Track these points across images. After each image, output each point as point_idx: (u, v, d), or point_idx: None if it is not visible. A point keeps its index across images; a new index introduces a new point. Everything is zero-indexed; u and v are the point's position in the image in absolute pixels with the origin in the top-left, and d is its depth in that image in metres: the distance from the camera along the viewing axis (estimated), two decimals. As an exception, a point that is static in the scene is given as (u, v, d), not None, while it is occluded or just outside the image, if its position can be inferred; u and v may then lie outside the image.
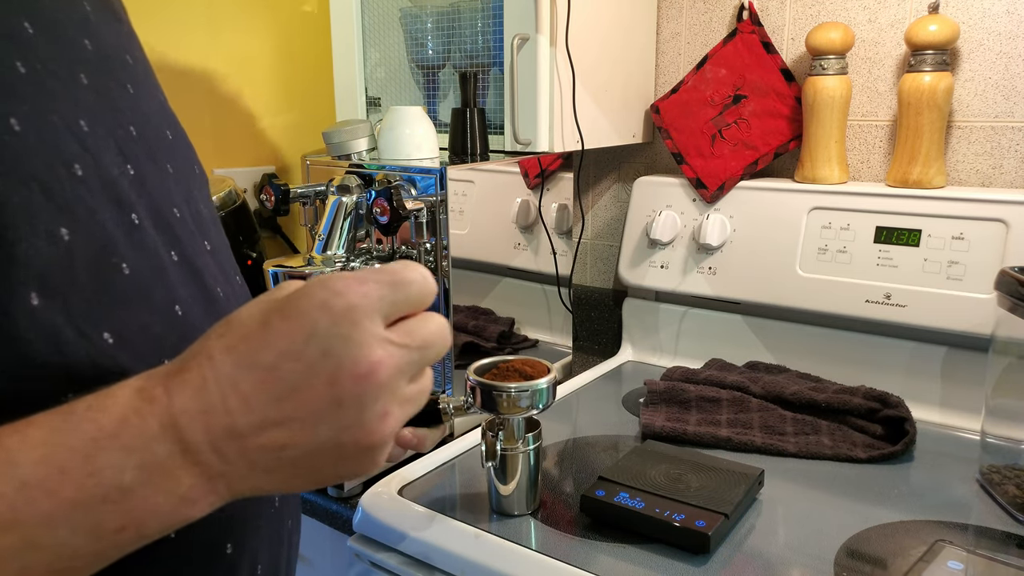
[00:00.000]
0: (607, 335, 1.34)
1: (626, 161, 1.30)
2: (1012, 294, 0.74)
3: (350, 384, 0.35)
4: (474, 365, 0.71)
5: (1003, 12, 0.96)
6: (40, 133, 0.36)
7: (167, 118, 0.49)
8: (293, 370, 0.34)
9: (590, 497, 0.72)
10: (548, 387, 0.69)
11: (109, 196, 0.39)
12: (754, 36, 1.09)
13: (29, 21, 0.38)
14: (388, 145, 0.97)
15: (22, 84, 0.36)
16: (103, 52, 0.43)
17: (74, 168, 0.38)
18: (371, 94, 1.19)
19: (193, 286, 0.45)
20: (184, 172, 0.48)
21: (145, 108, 0.45)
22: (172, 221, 0.44)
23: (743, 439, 0.88)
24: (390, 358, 0.36)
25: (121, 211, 0.40)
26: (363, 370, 0.35)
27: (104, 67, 0.42)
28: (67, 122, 0.38)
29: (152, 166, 0.44)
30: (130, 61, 0.46)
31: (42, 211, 0.35)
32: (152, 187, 0.43)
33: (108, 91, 0.42)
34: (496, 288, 1.04)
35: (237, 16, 1.27)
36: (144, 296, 0.40)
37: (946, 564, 0.65)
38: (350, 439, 0.35)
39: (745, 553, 0.68)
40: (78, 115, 0.39)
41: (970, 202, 0.93)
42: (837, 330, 1.04)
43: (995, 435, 0.80)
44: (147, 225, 0.41)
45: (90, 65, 0.41)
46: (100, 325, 0.38)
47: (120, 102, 0.43)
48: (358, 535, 0.77)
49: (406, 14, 1.12)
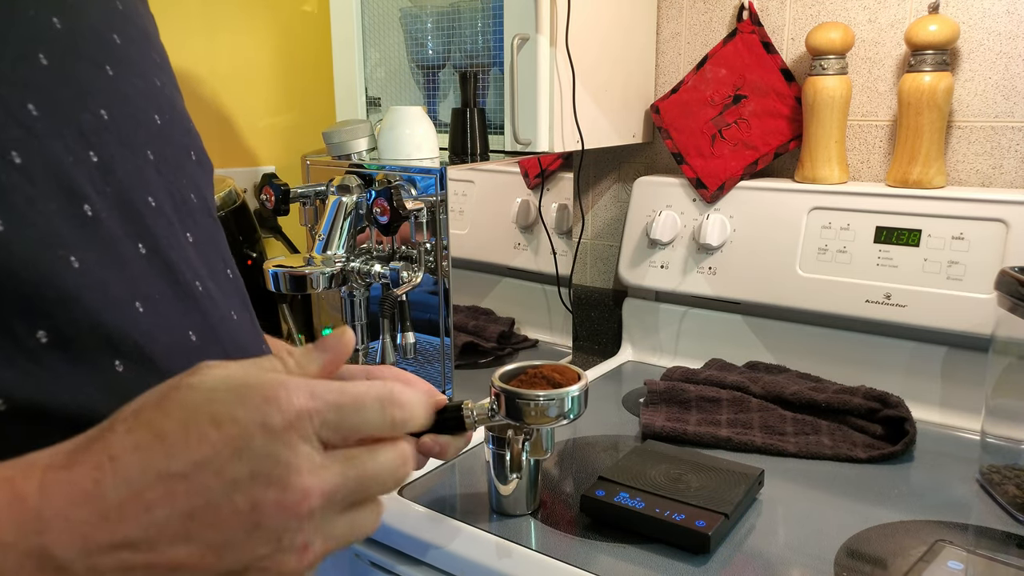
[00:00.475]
0: (607, 335, 1.34)
1: (626, 161, 1.30)
2: (1012, 294, 0.74)
3: (273, 512, 0.31)
4: (499, 371, 0.66)
5: (1003, 12, 0.96)
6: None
7: (158, 101, 0.45)
8: (211, 486, 0.30)
9: (590, 497, 0.72)
10: (579, 395, 0.64)
11: (57, 185, 0.36)
12: (754, 36, 1.09)
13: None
14: (388, 145, 0.97)
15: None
16: (76, 31, 0.40)
17: (10, 155, 0.35)
18: (371, 94, 1.19)
19: (162, 281, 0.41)
20: (172, 158, 0.45)
21: (126, 90, 0.42)
22: (144, 211, 0.41)
23: (743, 439, 0.88)
24: (322, 487, 0.32)
25: (72, 201, 0.37)
26: (291, 499, 0.31)
27: (73, 46, 0.40)
28: (7, 105, 0.35)
29: (124, 151, 0.41)
30: (117, 40, 0.43)
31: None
32: (121, 175, 0.40)
33: (75, 72, 0.39)
34: (496, 288, 1.04)
35: (237, 16, 1.27)
36: (96, 291, 0.37)
37: (946, 564, 0.65)
38: (258, 568, 0.32)
39: (745, 553, 0.68)
40: (25, 98, 0.36)
41: (970, 202, 0.93)
42: (837, 330, 1.04)
43: (995, 435, 0.80)
44: (107, 215, 0.39)
45: (54, 44, 0.38)
46: (35, 323, 0.34)
47: (90, 84, 0.40)
48: (358, 535, 0.77)
49: (406, 14, 1.12)
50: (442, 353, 0.97)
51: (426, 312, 0.97)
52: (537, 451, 0.69)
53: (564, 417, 0.63)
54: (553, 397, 0.62)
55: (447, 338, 0.96)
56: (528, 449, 0.69)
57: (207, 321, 0.44)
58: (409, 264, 0.94)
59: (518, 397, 0.62)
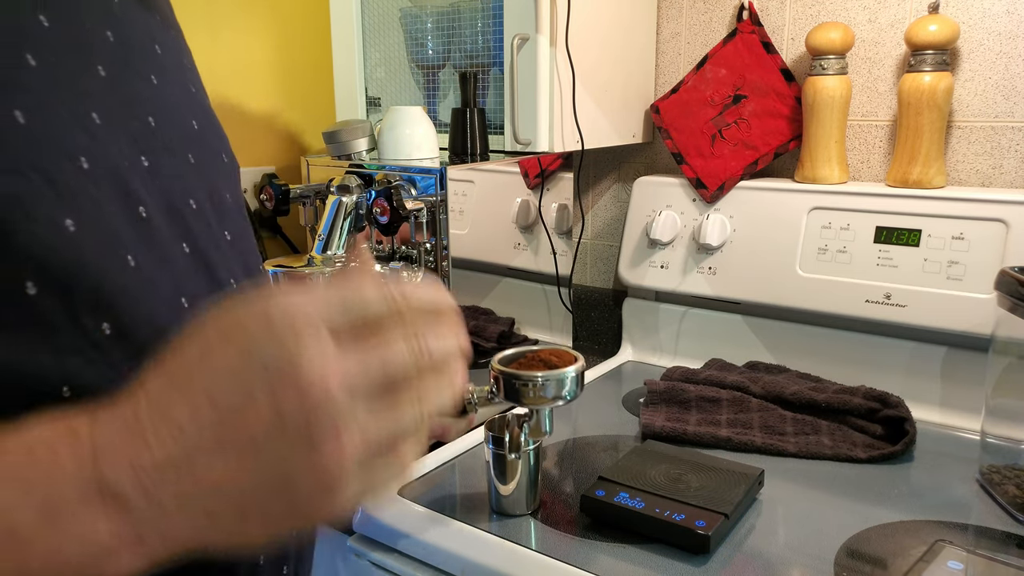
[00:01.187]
0: (607, 335, 1.34)
1: (626, 161, 1.30)
2: (1012, 294, 0.74)
3: (293, 399, 0.30)
4: (499, 355, 0.68)
5: (1003, 12, 0.96)
6: (46, 125, 0.36)
7: (195, 107, 0.48)
8: (231, 389, 0.31)
9: (590, 497, 0.72)
10: (576, 375, 0.65)
11: (117, 189, 0.39)
12: (754, 36, 1.09)
13: (46, 15, 0.38)
14: (388, 145, 0.97)
15: (31, 77, 0.36)
16: (126, 43, 0.43)
17: (80, 161, 0.37)
18: (371, 94, 1.19)
19: (203, 279, 0.44)
20: (209, 162, 0.47)
21: (168, 98, 0.45)
22: (186, 213, 0.44)
23: (743, 439, 0.88)
24: (337, 371, 0.31)
25: (128, 203, 0.39)
26: (305, 383, 0.30)
27: (125, 58, 0.42)
28: (76, 115, 0.38)
29: (169, 157, 0.43)
30: (157, 51, 0.46)
31: (44, 201, 0.35)
32: (166, 178, 0.43)
33: (127, 82, 0.42)
34: (496, 288, 1.04)
35: (237, 16, 1.27)
36: (150, 289, 0.39)
37: (946, 564, 0.65)
38: (298, 468, 0.31)
39: (745, 553, 0.68)
40: (90, 107, 0.39)
41: (970, 202, 0.93)
42: (837, 330, 1.04)
43: (995, 435, 0.80)
44: (156, 217, 0.41)
45: (109, 56, 0.41)
46: (101, 316, 0.36)
47: (140, 93, 0.43)
48: (358, 535, 0.77)
49: (406, 14, 1.12)
50: (442, 353, 0.96)
51: (426, 312, 0.97)
52: (536, 433, 0.69)
53: (561, 398, 0.65)
54: (550, 378, 0.64)
55: (447, 338, 0.96)
56: (527, 431, 0.70)
57: None
58: (409, 264, 0.94)
59: (516, 379, 0.64)
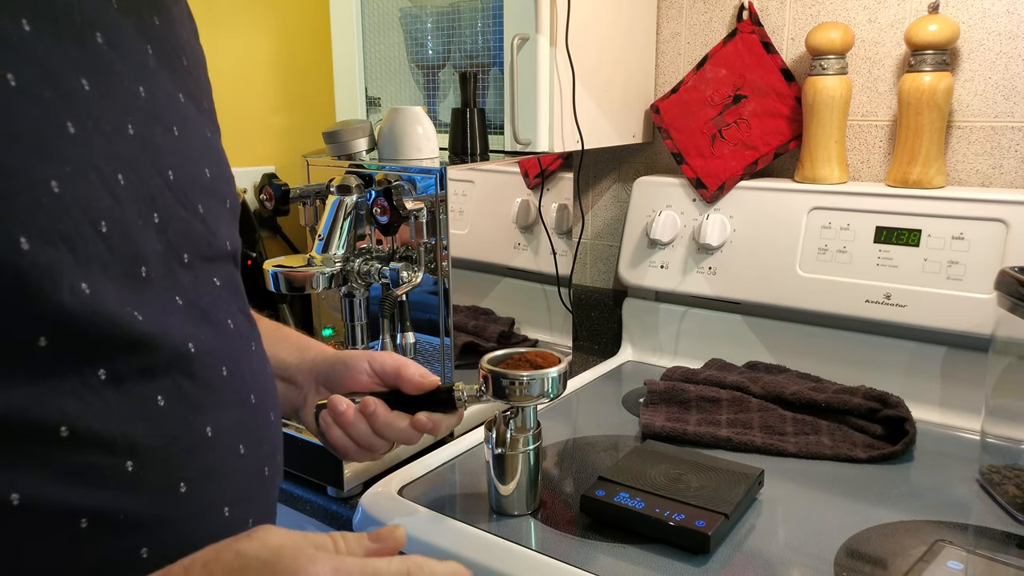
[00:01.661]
0: (607, 335, 1.34)
1: (626, 161, 1.30)
2: (1012, 294, 0.74)
3: None
4: (487, 356, 0.72)
5: (1003, 12, 0.96)
6: (76, 192, 0.38)
7: (209, 155, 0.50)
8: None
9: (590, 497, 0.72)
10: (558, 375, 0.70)
11: (125, 250, 0.41)
12: (754, 36, 1.09)
13: (87, 78, 0.40)
14: (388, 145, 0.97)
15: (69, 145, 0.38)
16: (155, 97, 0.45)
17: (100, 225, 0.39)
18: (371, 94, 1.19)
19: (203, 324, 0.46)
20: (214, 208, 0.49)
21: (187, 149, 0.47)
22: (179, 269, 0.46)
23: (743, 439, 0.88)
24: None
25: (134, 265, 0.42)
26: None
27: (153, 113, 0.44)
28: (104, 178, 0.40)
29: (180, 210, 0.46)
30: (182, 99, 0.48)
31: (66, 269, 0.37)
32: (172, 234, 0.45)
33: (152, 138, 0.44)
34: (496, 288, 1.04)
35: (237, 16, 1.27)
36: (155, 335, 0.42)
37: (946, 564, 0.65)
38: None
39: (745, 553, 0.68)
40: (117, 169, 0.41)
41: (970, 202, 0.93)
42: (837, 330, 1.04)
43: (995, 435, 0.80)
44: (154, 275, 0.43)
45: (139, 114, 0.43)
46: (99, 364, 0.39)
47: (163, 147, 0.45)
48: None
49: (406, 14, 1.12)
50: (442, 353, 0.97)
51: (426, 312, 0.97)
52: (522, 430, 0.73)
53: (545, 396, 0.70)
54: (535, 377, 0.68)
55: (447, 338, 0.96)
56: (513, 428, 0.73)
57: (235, 355, 0.49)
58: (409, 264, 0.94)
59: (503, 377, 0.68)
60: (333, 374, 0.68)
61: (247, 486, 0.48)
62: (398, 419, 0.65)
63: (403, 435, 0.65)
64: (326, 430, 0.65)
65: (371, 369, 0.67)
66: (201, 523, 0.44)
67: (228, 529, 0.45)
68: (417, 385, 0.66)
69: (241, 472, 0.48)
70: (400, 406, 0.66)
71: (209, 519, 0.45)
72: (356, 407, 0.65)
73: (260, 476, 0.50)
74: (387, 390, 0.68)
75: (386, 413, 0.64)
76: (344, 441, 0.65)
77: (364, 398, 0.65)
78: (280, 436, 0.54)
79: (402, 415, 0.65)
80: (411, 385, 0.66)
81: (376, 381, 0.68)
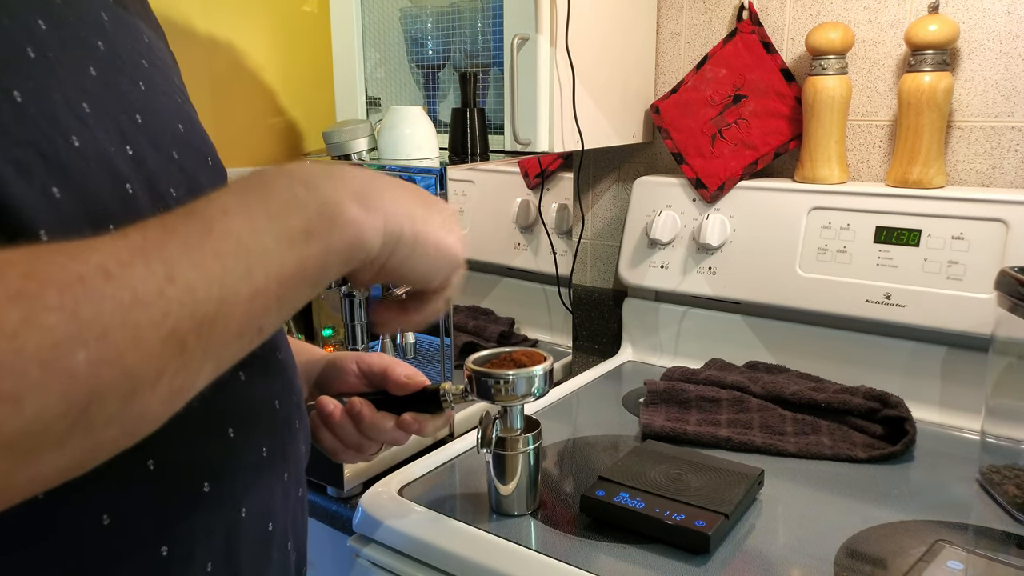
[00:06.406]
0: (607, 335, 1.34)
1: (626, 161, 1.30)
2: (1012, 294, 0.74)
3: (454, 247, 0.46)
4: (473, 356, 0.72)
5: (1003, 12, 0.96)
6: (40, 107, 0.38)
7: (181, 115, 0.50)
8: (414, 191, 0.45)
9: (590, 497, 0.72)
10: (542, 374, 0.69)
11: (104, 167, 0.41)
12: (754, 36, 1.09)
13: (43, 19, 0.40)
14: (388, 145, 0.97)
15: (29, 65, 0.38)
16: (116, 52, 0.45)
17: (71, 139, 0.39)
18: (371, 94, 1.19)
19: None
20: (193, 160, 0.49)
21: (155, 103, 0.47)
22: (169, 201, 0.45)
23: (743, 439, 0.88)
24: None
25: (116, 182, 0.41)
26: (458, 248, 0.47)
27: (115, 64, 0.44)
28: (69, 102, 0.40)
29: (154, 151, 0.45)
30: (145, 65, 0.48)
31: (37, 170, 0.37)
32: (151, 168, 0.44)
33: (117, 84, 0.44)
34: (496, 288, 1.04)
35: (237, 16, 1.27)
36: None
37: (946, 564, 0.65)
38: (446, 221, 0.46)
39: (745, 553, 0.68)
40: (81, 99, 0.41)
41: (970, 202, 0.93)
42: (837, 330, 1.04)
43: (995, 435, 0.80)
44: (142, 196, 0.43)
45: (101, 61, 0.43)
46: None
47: (128, 94, 0.45)
48: (358, 535, 0.77)
49: (406, 14, 1.12)
50: (442, 353, 0.97)
51: (426, 312, 0.96)
52: (508, 431, 0.73)
53: (531, 395, 0.69)
54: (520, 376, 0.68)
55: (447, 338, 0.96)
56: (499, 428, 0.72)
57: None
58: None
59: (488, 377, 0.68)
60: (324, 376, 0.68)
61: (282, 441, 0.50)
62: (384, 420, 0.64)
63: (389, 436, 0.65)
64: (315, 431, 0.65)
65: (359, 370, 0.67)
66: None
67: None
68: (402, 385, 0.66)
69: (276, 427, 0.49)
70: (388, 407, 0.65)
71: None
72: (343, 408, 0.64)
73: (291, 428, 0.51)
74: (376, 391, 0.67)
75: (372, 414, 0.64)
76: (333, 442, 0.65)
77: (351, 399, 0.65)
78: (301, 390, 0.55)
79: (388, 416, 0.65)
80: (397, 385, 0.66)
81: (364, 382, 0.67)
